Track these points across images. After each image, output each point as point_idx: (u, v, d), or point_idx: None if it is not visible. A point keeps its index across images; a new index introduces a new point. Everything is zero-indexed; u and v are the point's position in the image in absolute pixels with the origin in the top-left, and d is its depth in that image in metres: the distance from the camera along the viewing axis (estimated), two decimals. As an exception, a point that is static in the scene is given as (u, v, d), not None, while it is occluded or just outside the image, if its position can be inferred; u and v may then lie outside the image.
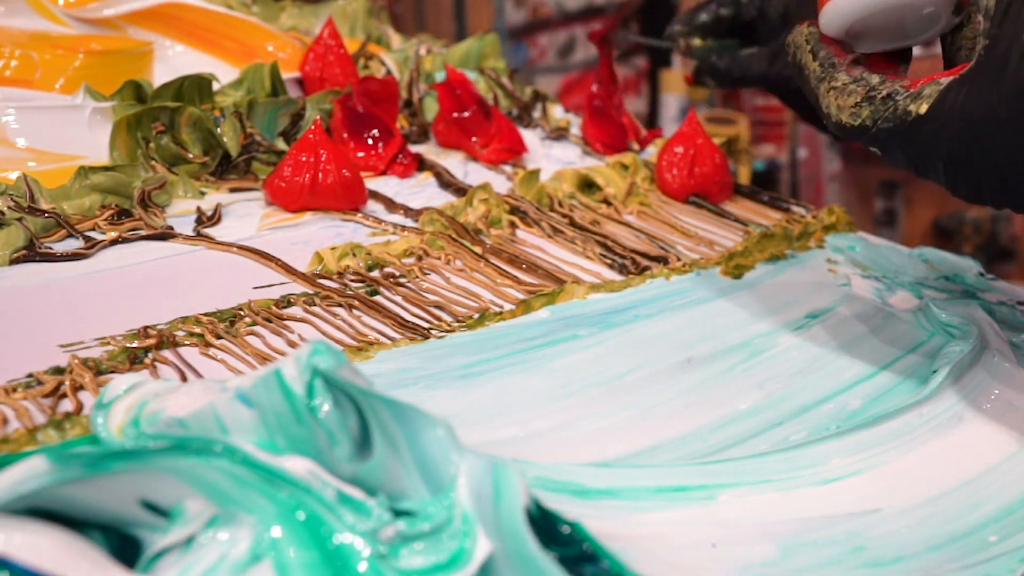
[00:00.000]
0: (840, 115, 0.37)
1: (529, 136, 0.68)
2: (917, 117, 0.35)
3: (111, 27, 0.66)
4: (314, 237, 0.50)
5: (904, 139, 0.35)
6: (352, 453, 0.25)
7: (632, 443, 0.35)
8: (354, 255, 0.47)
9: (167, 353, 0.37)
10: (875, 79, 0.37)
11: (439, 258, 0.48)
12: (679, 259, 0.50)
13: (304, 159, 0.52)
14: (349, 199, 0.53)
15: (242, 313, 0.41)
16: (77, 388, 0.34)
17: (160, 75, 0.62)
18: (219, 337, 0.39)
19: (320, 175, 0.52)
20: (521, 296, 0.45)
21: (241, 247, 0.47)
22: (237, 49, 0.69)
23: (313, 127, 0.53)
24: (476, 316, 0.43)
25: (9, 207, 0.46)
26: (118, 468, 0.24)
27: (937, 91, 0.34)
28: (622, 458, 0.34)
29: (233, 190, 0.55)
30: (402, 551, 0.24)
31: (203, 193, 0.54)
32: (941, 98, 0.34)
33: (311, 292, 0.43)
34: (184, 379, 0.36)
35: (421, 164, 0.61)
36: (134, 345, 0.37)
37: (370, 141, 0.61)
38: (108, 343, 0.37)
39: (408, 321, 0.42)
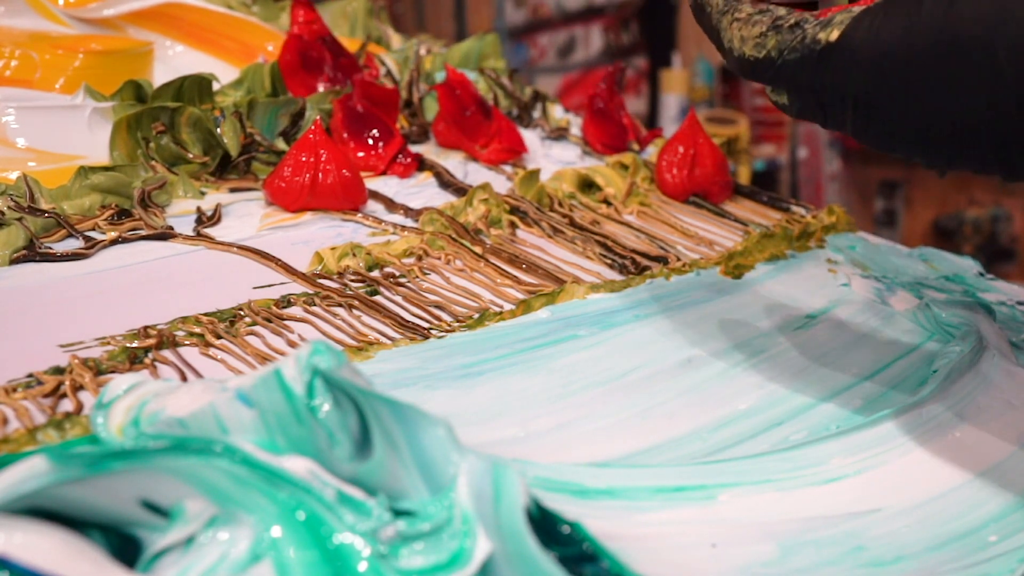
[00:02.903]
0: (743, 47, 0.34)
1: (529, 136, 0.68)
2: (827, 45, 0.32)
3: (111, 27, 0.66)
4: (314, 237, 0.50)
5: (812, 71, 0.32)
6: (352, 453, 0.25)
7: (632, 443, 0.35)
8: (354, 255, 0.47)
9: (167, 353, 0.37)
10: (782, 10, 0.34)
11: (439, 258, 0.48)
12: (679, 259, 0.50)
13: (304, 159, 0.52)
14: (349, 199, 0.53)
15: (242, 313, 0.41)
16: (77, 388, 0.34)
17: (160, 75, 0.62)
18: (219, 337, 0.39)
19: (320, 175, 0.52)
20: (521, 296, 0.45)
21: (241, 247, 0.47)
22: (237, 49, 0.69)
23: (313, 127, 0.53)
24: (476, 316, 0.43)
25: (9, 207, 0.46)
26: (118, 468, 0.24)
27: (849, 18, 0.32)
28: (622, 458, 0.34)
29: (233, 190, 0.55)
30: (402, 551, 0.24)
31: (203, 193, 0.54)
32: (854, 25, 0.31)
33: (311, 292, 0.43)
34: (184, 379, 0.36)
35: (421, 164, 0.61)
36: (134, 345, 0.37)
37: (370, 141, 0.61)
38: (108, 343, 0.37)
39: (408, 321, 0.42)
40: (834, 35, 0.32)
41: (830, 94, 0.32)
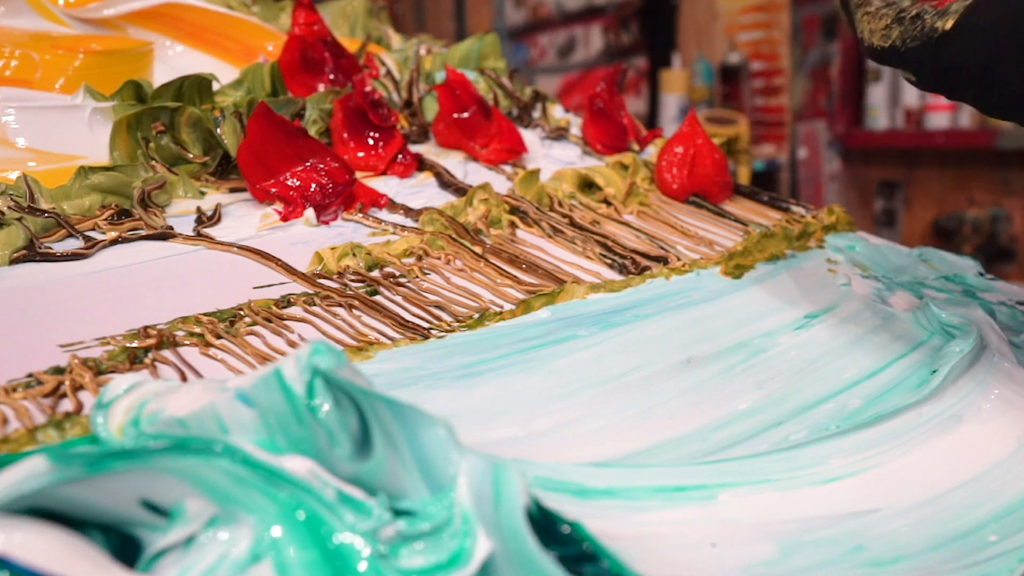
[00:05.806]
0: (872, 38, 0.39)
1: (529, 136, 0.68)
2: (943, 34, 0.36)
3: (111, 27, 0.66)
4: (314, 237, 0.50)
5: (931, 57, 0.37)
6: (352, 453, 0.25)
7: (632, 443, 0.35)
8: (354, 255, 0.47)
9: (167, 353, 0.37)
10: (906, 1, 0.38)
11: (439, 258, 0.48)
12: (679, 259, 0.50)
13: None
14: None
15: (242, 313, 0.41)
16: (77, 388, 0.34)
17: (160, 75, 0.62)
18: (219, 337, 0.39)
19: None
20: (521, 296, 0.45)
21: (241, 247, 0.47)
22: (237, 49, 0.69)
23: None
24: (476, 316, 0.43)
25: (9, 207, 0.46)
26: (118, 468, 0.24)
27: (963, 7, 0.36)
28: (622, 458, 0.34)
29: (233, 190, 0.55)
30: (402, 551, 0.24)
31: (203, 193, 0.54)
32: (968, 13, 0.36)
33: (311, 292, 0.43)
34: (184, 379, 0.36)
35: (421, 164, 0.61)
36: (134, 345, 0.37)
37: (370, 141, 0.61)
38: (108, 343, 0.37)
39: (408, 321, 0.42)
40: (949, 24, 0.36)
41: (949, 72, 0.37)
